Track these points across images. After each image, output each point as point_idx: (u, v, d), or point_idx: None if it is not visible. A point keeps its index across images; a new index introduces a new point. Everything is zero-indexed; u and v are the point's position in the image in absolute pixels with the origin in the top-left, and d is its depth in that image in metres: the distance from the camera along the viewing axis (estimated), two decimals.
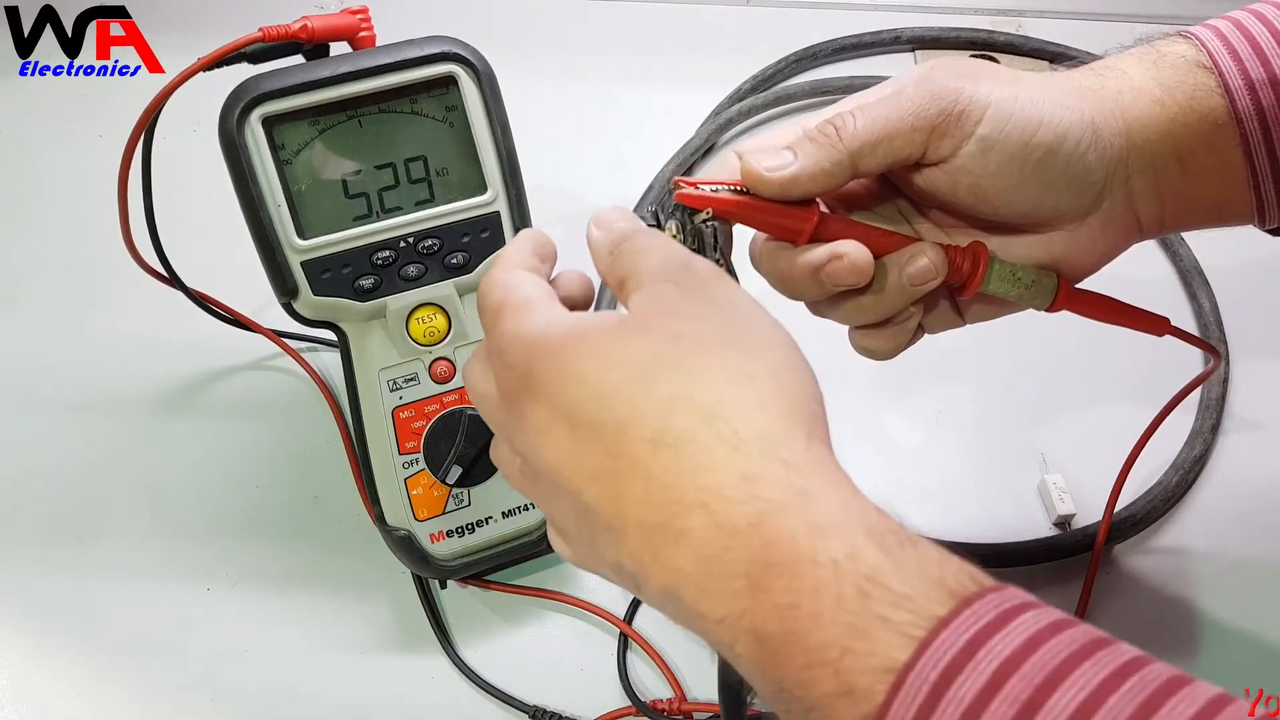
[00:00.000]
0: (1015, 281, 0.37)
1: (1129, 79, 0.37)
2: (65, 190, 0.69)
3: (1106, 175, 0.36)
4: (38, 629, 0.50)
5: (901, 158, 0.35)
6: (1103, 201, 0.36)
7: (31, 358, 0.61)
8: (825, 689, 0.24)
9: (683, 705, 0.46)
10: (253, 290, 0.52)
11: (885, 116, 0.34)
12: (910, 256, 0.36)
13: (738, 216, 0.36)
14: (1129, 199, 0.37)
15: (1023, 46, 0.80)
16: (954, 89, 0.34)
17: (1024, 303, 0.38)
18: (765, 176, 0.34)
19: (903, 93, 0.35)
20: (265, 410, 0.58)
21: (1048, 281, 0.38)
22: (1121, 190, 0.36)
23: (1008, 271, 0.37)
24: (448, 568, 0.48)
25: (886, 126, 0.34)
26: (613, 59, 0.80)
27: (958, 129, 0.34)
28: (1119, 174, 0.36)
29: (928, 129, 0.34)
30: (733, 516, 0.25)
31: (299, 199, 0.44)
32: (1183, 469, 0.54)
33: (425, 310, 0.46)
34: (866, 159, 0.34)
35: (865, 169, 0.35)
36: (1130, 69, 0.37)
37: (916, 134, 0.34)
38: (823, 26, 0.80)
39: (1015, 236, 0.37)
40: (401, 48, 0.44)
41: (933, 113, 0.34)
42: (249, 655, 0.49)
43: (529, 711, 0.46)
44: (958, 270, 0.36)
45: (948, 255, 0.36)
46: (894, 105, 0.34)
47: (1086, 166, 0.35)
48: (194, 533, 0.53)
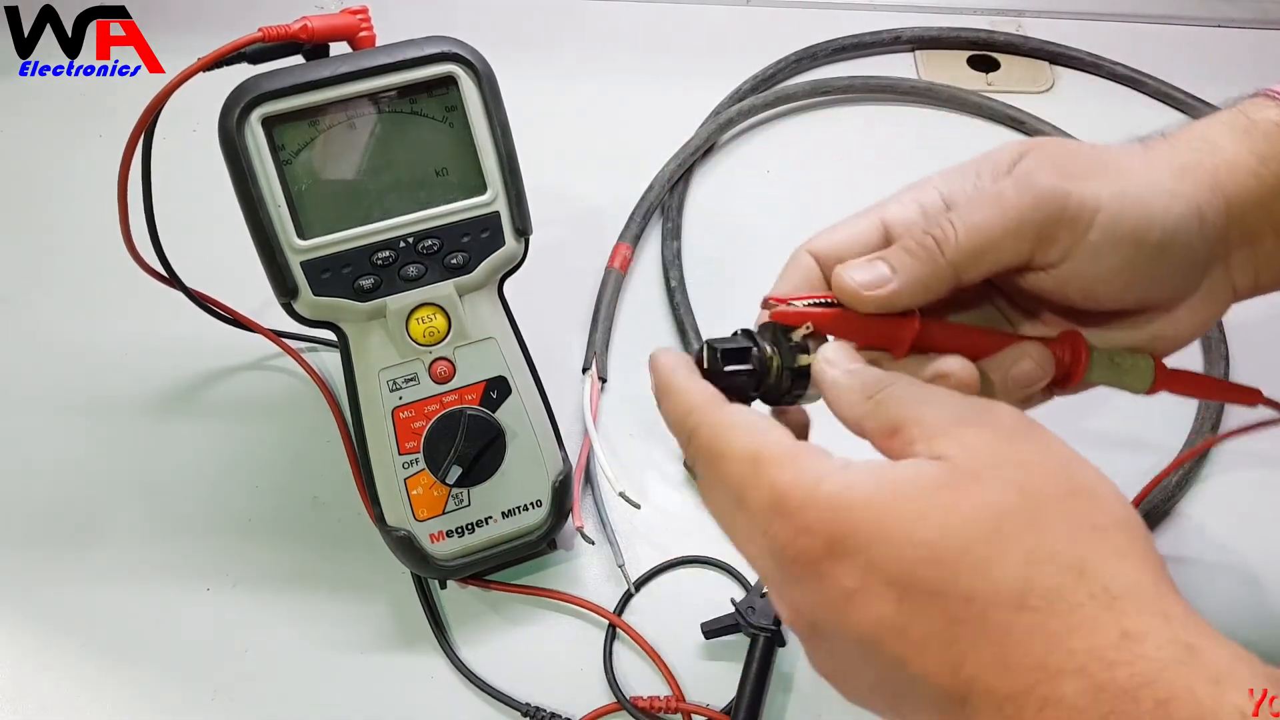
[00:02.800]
0: (1115, 368, 0.36)
1: (1223, 152, 0.35)
2: (65, 190, 0.70)
3: (1210, 257, 0.35)
4: (38, 629, 0.50)
5: (1006, 265, 0.34)
6: (1204, 281, 0.36)
7: (31, 357, 0.61)
8: None
9: (680, 705, 0.46)
10: (253, 290, 0.52)
11: (988, 226, 0.33)
12: (1015, 360, 0.35)
13: (835, 331, 0.34)
14: (1227, 273, 0.36)
15: (1022, 46, 0.80)
16: (1060, 193, 0.33)
17: (1120, 387, 0.37)
18: (864, 295, 0.33)
19: (1004, 196, 0.33)
20: (265, 410, 0.58)
21: (1145, 365, 0.37)
22: (1221, 266, 0.36)
23: (1106, 360, 0.36)
24: (447, 568, 0.48)
25: (989, 237, 0.33)
26: (613, 59, 0.80)
27: (1067, 236, 0.33)
28: (1220, 252, 0.35)
29: (1034, 237, 0.33)
30: (1116, 679, 0.23)
31: (299, 199, 0.44)
32: (1182, 469, 0.54)
33: (425, 310, 0.46)
34: (969, 270, 0.33)
35: (968, 280, 0.34)
36: (1223, 140, 0.36)
37: (1022, 243, 0.33)
38: (823, 26, 0.80)
39: (1112, 323, 0.36)
40: (401, 48, 0.44)
41: (1039, 219, 0.33)
42: (249, 655, 0.49)
43: (523, 710, 0.46)
44: (1060, 364, 0.35)
45: (1051, 352, 0.35)
46: (996, 213, 0.33)
47: (1194, 256, 0.34)
48: (193, 533, 0.53)
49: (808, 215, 0.69)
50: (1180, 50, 0.81)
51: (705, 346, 0.34)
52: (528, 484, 0.48)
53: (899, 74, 0.77)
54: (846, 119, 0.75)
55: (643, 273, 0.65)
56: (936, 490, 0.26)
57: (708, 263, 0.65)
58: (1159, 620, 0.24)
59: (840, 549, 0.26)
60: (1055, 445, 0.28)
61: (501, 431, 0.47)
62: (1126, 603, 0.24)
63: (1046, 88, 0.78)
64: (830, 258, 0.37)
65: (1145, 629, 0.24)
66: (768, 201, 0.70)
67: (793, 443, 0.29)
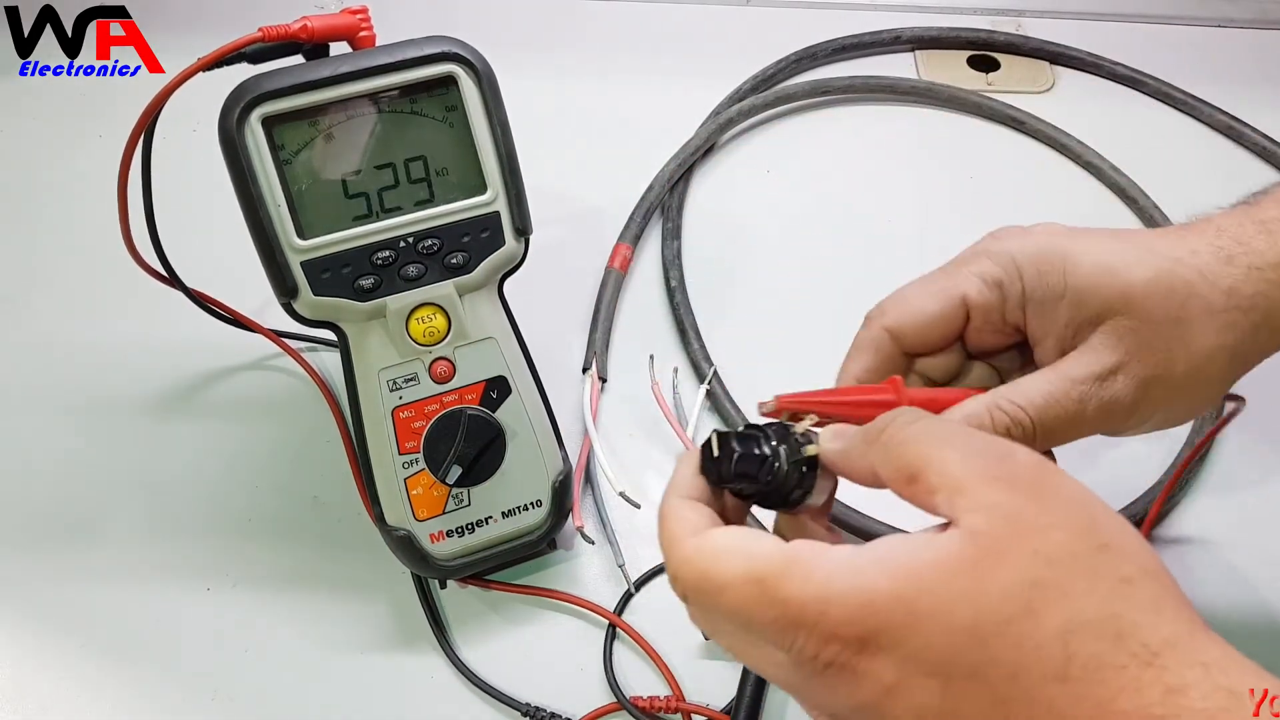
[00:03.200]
0: None
1: (1264, 256, 0.36)
2: (65, 190, 0.70)
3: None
4: (38, 629, 0.50)
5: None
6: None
7: (31, 357, 0.61)
8: None
9: (680, 705, 0.46)
10: (253, 290, 0.52)
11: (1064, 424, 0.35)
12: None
13: (830, 411, 0.35)
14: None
15: (1022, 46, 0.80)
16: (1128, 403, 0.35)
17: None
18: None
19: (1084, 409, 0.35)
20: (265, 410, 0.58)
21: None
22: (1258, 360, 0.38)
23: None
24: (447, 567, 0.48)
25: (1066, 435, 0.36)
26: (613, 59, 0.80)
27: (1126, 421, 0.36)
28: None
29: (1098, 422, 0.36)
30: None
31: (299, 199, 0.44)
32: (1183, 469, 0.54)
33: (425, 310, 0.46)
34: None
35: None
36: (1263, 247, 0.36)
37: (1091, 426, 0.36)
38: (823, 26, 0.80)
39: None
40: (401, 48, 0.44)
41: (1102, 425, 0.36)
42: (249, 655, 0.49)
43: (522, 710, 0.46)
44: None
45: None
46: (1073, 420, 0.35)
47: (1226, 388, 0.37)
48: (194, 533, 0.53)
49: (808, 215, 0.69)
50: (1180, 50, 0.81)
51: (713, 436, 0.33)
52: (528, 484, 0.48)
53: (899, 74, 0.77)
54: (846, 119, 0.75)
55: (643, 273, 0.65)
56: (965, 573, 0.26)
57: (708, 263, 0.65)
58: (1199, 671, 0.24)
59: (873, 646, 0.26)
60: (1076, 494, 0.28)
61: (501, 431, 0.47)
62: (1166, 657, 0.24)
63: (1046, 88, 0.78)
64: (911, 339, 0.38)
65: (1187, 681, 0.24)
66: (768, 201, 0.70)
67: (785, 548, 0.28)
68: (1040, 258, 0.37)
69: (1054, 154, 0.73)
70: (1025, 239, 0.38)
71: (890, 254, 0.66)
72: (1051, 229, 0.38)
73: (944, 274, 0.39)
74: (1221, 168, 0.72)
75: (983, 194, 0.71)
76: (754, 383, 0.57)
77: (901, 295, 0.39)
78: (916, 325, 0.37)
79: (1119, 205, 0.69)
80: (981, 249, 0.39)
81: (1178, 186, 0.69)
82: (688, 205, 0.69)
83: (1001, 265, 0.37)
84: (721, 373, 0.58)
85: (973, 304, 0.37)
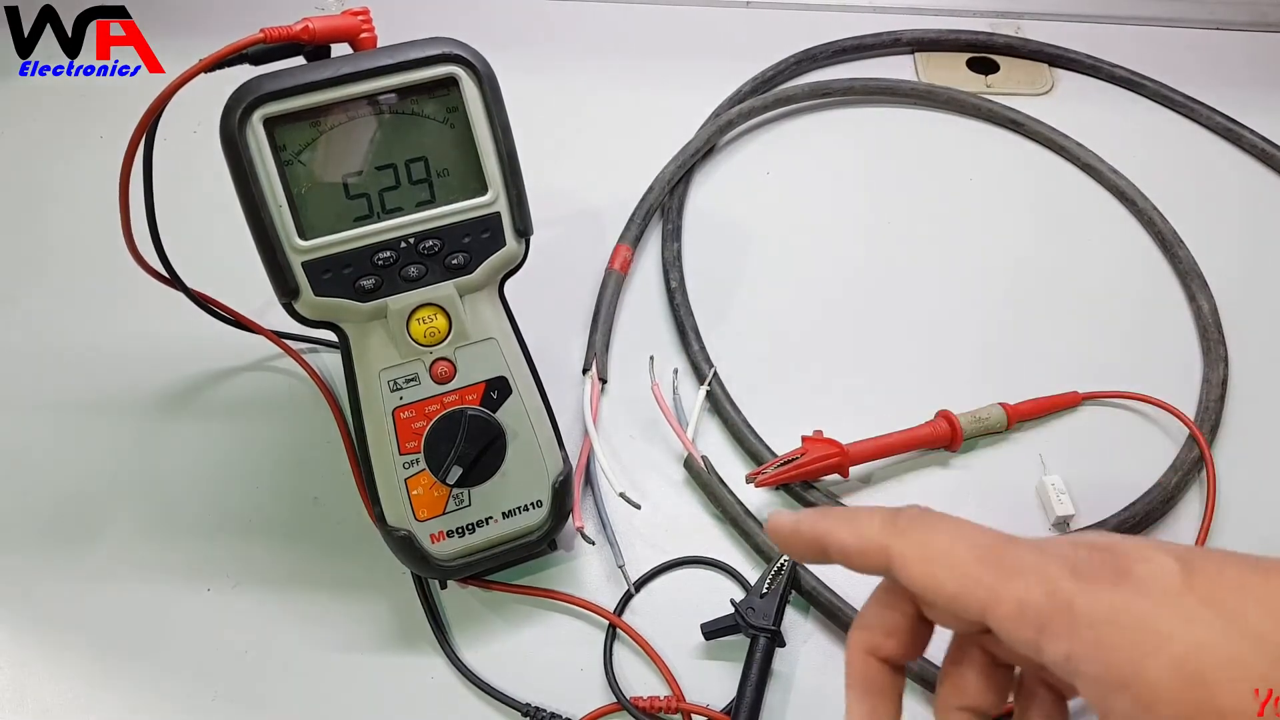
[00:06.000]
0: (980, 422, 0.56)
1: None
2: (66, 191, 0.70)
3: None
4: (38, 629, 0.50)
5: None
6: None
7: (32, 358, 0.61)
8: None
9: (680, 705, 0.46)
10: (253, 290, 0.52)
11: None
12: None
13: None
14: None
15: (1022, 48, 0.81)
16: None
17: (988, 433, 0.51)
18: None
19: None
20: (265, 410, 0.58)
21: (998, 412, 0.56)
22: None
23: (971, 418, 0.54)
24: (448, 568, 0.48)
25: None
26: (613, 60, 0.80)
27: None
28: None
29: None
30: None
31: (300, 200, 0.44)
32: (1182, 470, 0.54)
33: (426, 311, 0.46)
34: None
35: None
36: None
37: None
38: (823, 28, 0.80)
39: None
40: (403, 49, 0.44)
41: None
42: (249, 655, 0.49)
43: (522, 710, 0.47)
44: (946, 435, 0.52)
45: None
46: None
47: None
48: (194, 533, 0.53)
49: (807, 217, 0.69)
50: (1179, 53, 0.81)
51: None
52: (528, 484, 0.48)
53: (899, 76, 0.77)
54: (846, 121, 0.75)
55: (643, 274, 0.65)
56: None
57: (708, 264, 0.65)
58: None
59: None
60: (1156, 566, 0.28)
61: (502, 432, 0.47)
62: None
63: (1046, 90, 0.78)
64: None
65: None
66: (768, 203, 0.70)
67: None
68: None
69: (1053, 156, 0.73)
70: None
71: (890, 255, 0.66)
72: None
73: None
74: (1220, 170, 0.72)
75: (982, 195, 0.71)
76: (754, 383, 0.57)
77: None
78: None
79: (1118, 207, 0.69)
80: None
81: (1176, 188, 0.69)
82: (688, 207, 0.69)
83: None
84: (721, 374, 0.58)
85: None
